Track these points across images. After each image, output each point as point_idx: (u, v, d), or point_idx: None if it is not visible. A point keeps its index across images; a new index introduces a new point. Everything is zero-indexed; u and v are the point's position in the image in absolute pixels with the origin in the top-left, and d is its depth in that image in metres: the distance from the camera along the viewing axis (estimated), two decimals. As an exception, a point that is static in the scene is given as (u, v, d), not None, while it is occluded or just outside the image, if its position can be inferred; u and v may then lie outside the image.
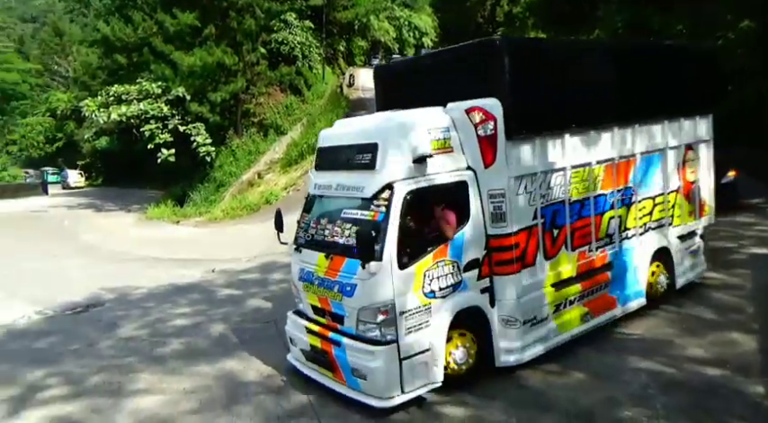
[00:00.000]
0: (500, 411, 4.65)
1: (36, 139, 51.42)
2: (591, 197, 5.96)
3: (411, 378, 4.73)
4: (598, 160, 6.02)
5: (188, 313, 8.28)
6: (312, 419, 4.70)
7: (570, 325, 5.78)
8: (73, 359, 6.49)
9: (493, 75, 5.27)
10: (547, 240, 5.56)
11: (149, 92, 23.84)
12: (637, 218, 6.51)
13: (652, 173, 6.73)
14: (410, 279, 4.76)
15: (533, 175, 5.43)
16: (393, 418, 4.64)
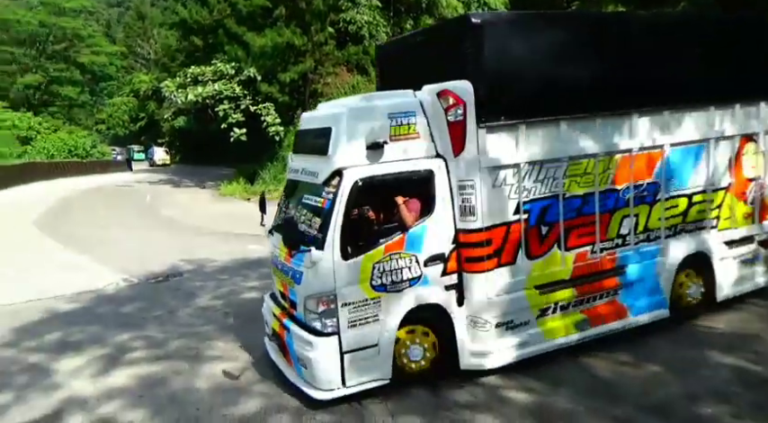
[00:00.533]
0: (566, 399, 4.54)
1: (121, 118, 54.85)
2: (596, 193, 5.30)
3: (354, 372, 4.56)
4: (608, 151, 5.32)
5: (258, 286, 8.61)
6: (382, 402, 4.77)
7: (560, 332, 5.22)
8: (155, 325, 6.94)
9: (465, 55, 4.78)
10: (532, 238, 5.05)
11: (223, 73, 24.71)
12: (663, 218, 5.70)
13: (689, 167, 5.84)
14: (355, 270, 4.53)
15: (515, 166, 4.90)
16: (457, 398, 4.64)
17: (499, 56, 4.80)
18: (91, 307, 7.90)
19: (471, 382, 4.86)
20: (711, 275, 6.02)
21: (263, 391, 4.89)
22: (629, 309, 5.59)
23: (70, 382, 5.28)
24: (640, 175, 5.53)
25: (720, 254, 6.08)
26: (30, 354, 6.02)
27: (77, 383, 5.24)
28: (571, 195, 5.19)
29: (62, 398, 4.94)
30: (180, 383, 5.15)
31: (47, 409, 4.75)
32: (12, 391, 5.10)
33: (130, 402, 4.80)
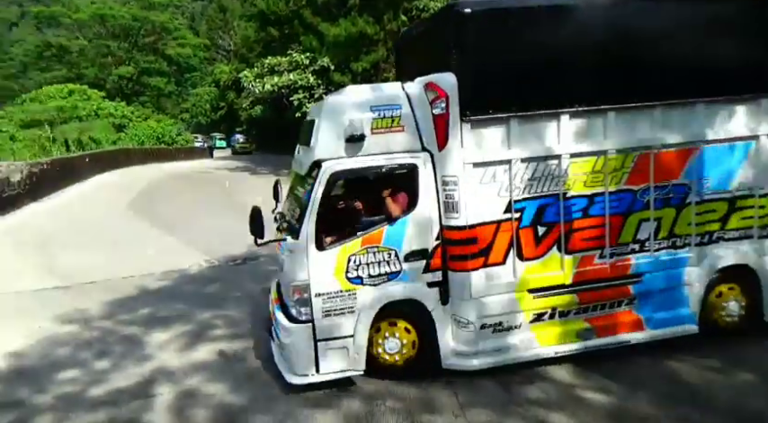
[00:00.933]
0: (648, 404, 4.33)
1: (203, 107, 57.68)
2: (606, 193, 4.86)
3: (328, 360, 4.61)
4: (620, 148, 4.85)
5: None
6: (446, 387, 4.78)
7: (557, 340, 4.92)
8: (234, 305, 7.29)
9: (449, 46, 4.58)
10: (525, 239, 4.78)
11: (298, 63, 25.31)
12: (693, 223, 5.09)
13: (731, 167, 5.12)
14: (330, 262, 4.57)
15: (505, 162, 4.64)
16: (529, 394, 4.56)
17: (486, 46, 4.55)
18: (177, 285, 8.42)
19: (543, 378, 4.76)
20: (759, 292, 5.25)
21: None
22: (645, 321, 5.09)
23: (159, 354, 5.68)
24: (664, 175, 4.97)
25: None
26: (124, 326, 6.51)
27: (165, 356, 5.62)
28: (575, 195, 4.83)
29: (152, 368, 5.32)
30: (257, 362, 5.40)
31: (140, 377, 5.14)
32: (110, 358, 5.56)
33: (212, 376, 5.09)
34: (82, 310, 7.01)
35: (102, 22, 42.70)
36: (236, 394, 4.73)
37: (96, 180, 23.57)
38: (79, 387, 4.97)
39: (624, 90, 4.80)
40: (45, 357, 5.63)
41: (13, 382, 5.10)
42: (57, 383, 5.05)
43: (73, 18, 42.84)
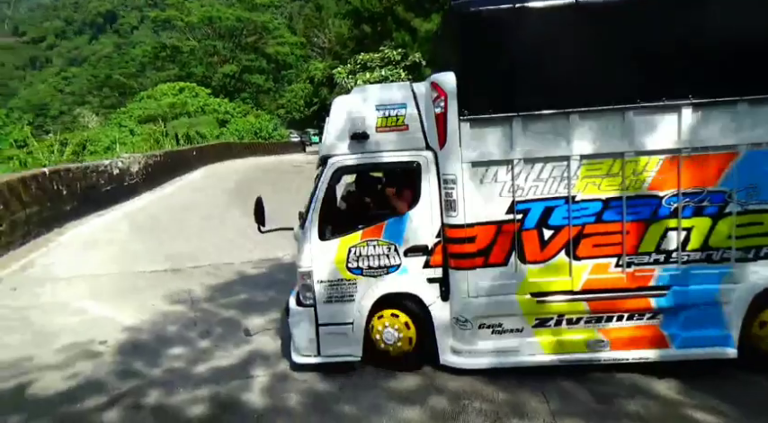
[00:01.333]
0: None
1: (298, 103, 60.05)
2: (624, 197, 4.49)
3: (328, 344, 4.93)
4: (641, 151, 4.44)
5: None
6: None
7: (564, 348, 4.70)
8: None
9: (449, 44, 4.59)
10: (529, 241, 4.61)
11: (390, 58, 25.58)
12: (733, 235, 4.51)
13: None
14: (332, 251, 4.86)
15: (507, 162, 4.50)
16: (627, 408, 4.29)
17: (488, 46, 4.45)
18: (271, 273, 8.81)
19: (642, 392, 4.45)
20: None
21: (420, 371, 5.03)
22: (670, 338, 4.66)
23: (256, 338, 6.00)
24: (697, 180, 4.46)
25: None
26: (224, 309, 6.94)
27: (261, 340, 5.92)
28: (586, 198, 4.54)
29: (249, 350, 5.62)
30: (346, 352, 5.53)
31: (238, 358, 5.45)
32: (213, 338, 5.96)
33: (304, 364, 5.28)
34: (188, 292, 7.57)
35: (210, 24, 45.74)
36: (326, 382, 4.88)
37: (201, 172, 25.38)
38: (185, 363, 5.37)
39: (646, 89, 4.40)
40: (156, 333, 6.15)
41: (130, 353, 5.62)
42: (166, 358, 5.49)
43: (185, 21, 46.26)
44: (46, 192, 11.67)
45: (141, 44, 60.72)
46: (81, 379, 5.05)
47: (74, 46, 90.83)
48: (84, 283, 8.17)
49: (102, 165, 15.40)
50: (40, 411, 4.47)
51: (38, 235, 11.10)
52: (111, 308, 7.03)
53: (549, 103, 4.47)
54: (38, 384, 4.95)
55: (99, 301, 7.29)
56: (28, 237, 10.67)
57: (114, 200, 15.68)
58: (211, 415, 4.43)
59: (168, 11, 49.85)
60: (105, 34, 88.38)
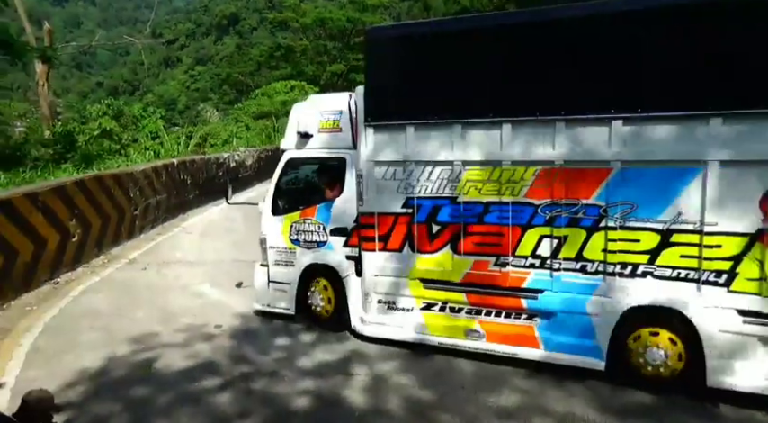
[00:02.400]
0: None
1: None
2: (503, 202, 4.92)
3: (275, 298, 6.38)
4: (517, 160, 4.82)
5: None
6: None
7: (445, 332, 5.39)
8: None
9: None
10: (420, 233, 5.35)
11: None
12: (607, 250, 4.57)
13: (663, 195, 4.35)
14: (279, 224, 6.26)
15: (403, 163, 5.30)
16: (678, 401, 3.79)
17: (385, 64, 5.36)
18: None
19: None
20: (699, 348, 4.33)
21: (522, 387, 4.81)
22: (541, 340, 4.97)
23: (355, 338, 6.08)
24: (572, 193, 4.65)
25: (722, 324, 4.25)
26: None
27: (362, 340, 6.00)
28: (469, 201, 5.09)
29: (350, 348, 5.72)
30: (444, 361, 5.42)
31: (339, 354, 5.57)
32: (316, 332, 6.14)
33: (403, 368, 5.25)
34: (294, 284, 7.86)
35: (322, 25, 47.53)
36: (426, 389, 4.82)
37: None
38: (290, 354, 5.57)
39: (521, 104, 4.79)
40: (264, 323, 6.45)
41: (241, 339, 5.94)
42: (273, 348, 5.74)
43: (300, 22, 48.47)
44: (174, 181, 12.77)
45: (259, 44, 64.58)
46: (199, 359, 5.41)
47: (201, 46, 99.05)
48: (202, 268, 8.81)
49: (222, 157, 16.56)
50: (164, 387, 4.85)
51: (165, 220, 12.18)
52: (224, 293, 7.50)
53: (436, 114, 5.12)
54: (162, 361, 5.38)
55: (215, 286, 7.81)
56: (157, 221, 11.74)
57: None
58: (314, 408, 4.55)
59: (285, 12, 52.50)
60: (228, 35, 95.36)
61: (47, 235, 7.70)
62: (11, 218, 6.93)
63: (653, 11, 4.40)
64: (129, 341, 5.81)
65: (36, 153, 16.23)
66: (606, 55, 4.52)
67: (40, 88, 20.09)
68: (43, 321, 6.37)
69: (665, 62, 4.31)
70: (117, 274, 8.40)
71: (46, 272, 7.75)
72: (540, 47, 4.78)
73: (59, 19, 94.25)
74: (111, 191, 9.62)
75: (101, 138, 18.63)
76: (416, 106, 5.24)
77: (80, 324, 6.28)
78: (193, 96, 75.56)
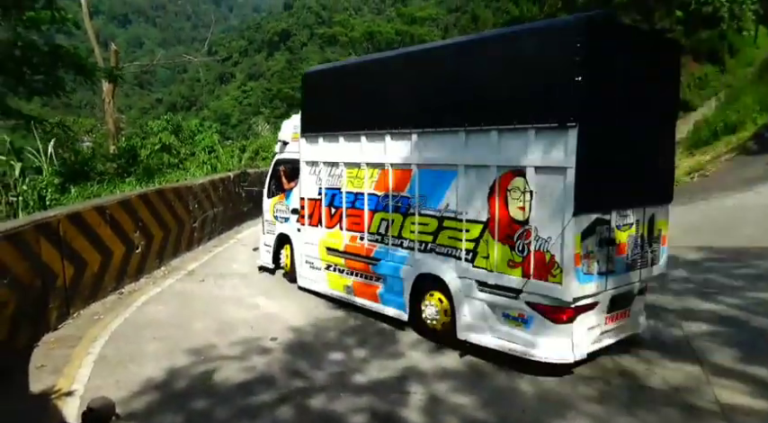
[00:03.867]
0: None
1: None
2: (363, 193, 6.83)
3: (266, 257, 9.17)
4: (368, 163, 6.74)
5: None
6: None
7: (336, 287, 7.48)
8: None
9: None
10: (326, 214, 7.48)
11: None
12: (410, 231, 6.31)
13: (439, 190, 5.92)
14: (268, 204, 9.09)
15: (317, 163, 7.57)
16: None
17: (311, 95, 7.86)
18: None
19: None
20: (453, 308, 5.89)
21: (588, 412, 4.58)
22: (380, 297, 6.83)
23: (410, 352, 5.99)
24: (396, 187, 6.40)
25: (467, 291, 5.72)
26: (380, 320, 7.08)
27: (416, 355, 5.90)
28: (348, 191, 7.07)
29: (405, 365, 5.63)
30: (503, 380, 5.27)
31: (394, 371, 5.49)
32: (369, 348, 6.10)
33: (461, 387, 5.13)
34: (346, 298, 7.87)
35: (370, 39, 48.14)
36: (486, 410, 4.67)
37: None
38: (345, 369, 5.54)
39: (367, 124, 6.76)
40: (319, 336, 6.47)
41: (296, 353, 5.97)
42: (328, 362, 5.73)
43: (349, 36, 49.29)
44: (229, 193, 13.14)
45: (308, 59, 66.10)
46: (256, 373, 5.47)
47: (253, 62, 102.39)
48: (257, 279, 8.98)
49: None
50: (224, 400, 4.91)
51: (221, 232, 12.53)
52: (279, 306, 7.59)
53: (331, 129, 7.27)
54: (220, 373, 5.46)
55: (270, 298, 7.93)
56: (213, 233, 12.09)
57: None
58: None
59: (334, 27, 53.62)
60: (279, 51, 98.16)
61: (113, 246, 8.04)
62: (82, 230, 7.28)
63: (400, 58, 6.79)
64: (188, 352, 5.94)
65: (102, 167, 17.11)
66: (400, 88, 6.39)
67: (107, 105, 21.24)
68: (110, 330, 6.62)
69: (425, 94, 6.06)
70: (177, 286, 8.66)
71: (112, 282, 8.09)
72: (371, 83, 6.85)
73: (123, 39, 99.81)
74: (171, 204, 9.98)
75: (161, 152, 19.46)
76: (324, 123, 7.46)
77: (143, 334, 6.48)
78: (246, 111, 77.97)
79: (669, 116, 5.87)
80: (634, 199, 5.36)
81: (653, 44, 5.69)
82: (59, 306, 6.80)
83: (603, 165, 4.89)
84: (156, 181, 14.54)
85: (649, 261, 5.70)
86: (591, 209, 4.88)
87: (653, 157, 5.57)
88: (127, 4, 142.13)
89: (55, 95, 16.04)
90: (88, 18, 21.67)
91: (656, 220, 5.71)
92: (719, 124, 19.23)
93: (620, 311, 5.57)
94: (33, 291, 6.24)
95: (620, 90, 5.02)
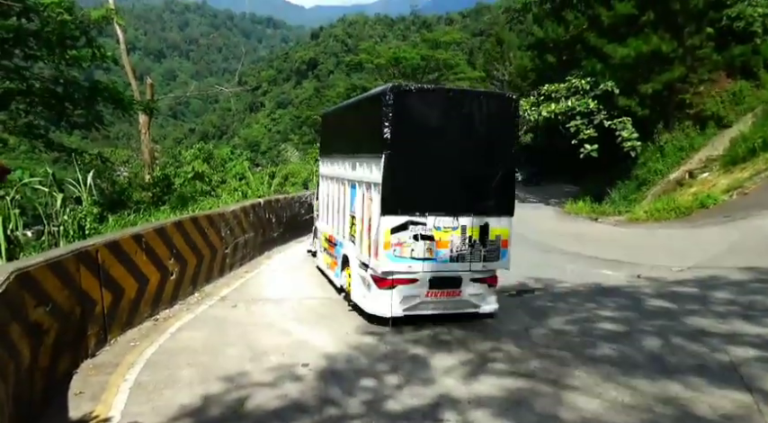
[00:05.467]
0: None
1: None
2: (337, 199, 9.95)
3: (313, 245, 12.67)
4: (336, 177, 9.87)
5: (616, 318, 7.98)
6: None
7: (325, 265, 10.74)
8: (512, 339, 7.17)
9: None
10: (325, 211, 11.06)
11: (578, 88, 24.31)
12: (345, 224, 9.19)
13: (353, 197, 8.65)
14: (315, 203, 11.99)
15: (323, 176, 10.90)
16: None
17: (322, 128, 12.79)
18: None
19: None
20: (351, 278, 8.55)
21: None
22: (334, 273, 9.81)
23: (443, 379, 5.88)
24: (343, 194, 9.39)
25: (355, 266, 8.34)
26: (411, 345, 6.99)
27: (449, 382, 5.79)
28: (329, 195, 10.32)
29: (438, 393, 5.52)
30: (543, 406, 5.11)
31: (427, 399, 5.38)
32: (400, 375, 6.01)
33: (497, 413, 5.00)
34: (376, 324, 7.83)
35: (396, 65, 48.85)
36: (523, 441, 4.53)
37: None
38: (378, 397, 5.46)
39: (339, 149, 9.85)
40: (351, 363, 6.41)
41: (328, 380, 5.92)
42: (360, 389, 5.66)
43: (374, 63, 50.14)
44: (260, 220, 13.33)
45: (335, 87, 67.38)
46: (288, 400, 5.44)
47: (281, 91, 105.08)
48: (288, 305, 9.01)
49: (304, 196, 17.13)
50: (256, 426, 4.90)
51: (252, 258, 12.67)
52: (311, 332, 7.58)
53: (326, 154, 10.66)
54: (252, 400, 5.45)
55: (301, 324, 7.93)
56: (245, 259, 12.24)
57: (311, 227, 17.28)
58: (405, 457, 4.39)
59: (360, 55, 54.63)
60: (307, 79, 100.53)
61: (149, 273, 8.22)
62: (119, 258, 7.47)
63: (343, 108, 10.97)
64: (222, 379, 5.96)
65: (138, 196, 17.66)
66: (346, 127, 9.63)
67: (143, 136, 22.02)
68: (145, 357, 6.71)
69: (343, 133, 9.62)
70: (210, 312, 8.76)
71: (147, 309, 8.24)
72: (335, 123, 10.66)
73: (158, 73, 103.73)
74: (205, 231, 10.17)
75: (193, 180, 19.98)
76: (323, 149, 11.23)
77: (178, 360, 6.55)
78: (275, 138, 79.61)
79: (503, 151, 7.56)
80: (458, 209, 7.36)
81: (475, 98, 7.54)
82: (98, 333, 6.95)
83: (406, 183, 7.20)
84: (190, 208, 14.88)
85: (481, 258, 7.54)
86: (395, 212, 7.20)
87: (483, 180, 7.44)
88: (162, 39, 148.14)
89: (94, 128, 16.75)
90: (126, 54, 22.69)
91: (492, 227, 7.53)
92: (758, 140, 18.66)
93: (443, 291, 7.53)
94: (73, 318, 6.40)
95: (428, 132, 7.22)
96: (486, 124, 7.39)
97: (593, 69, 23.82)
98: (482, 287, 7.74)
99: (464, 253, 7.42)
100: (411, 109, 7.16)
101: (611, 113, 23.38)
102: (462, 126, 7.31)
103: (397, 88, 7.12)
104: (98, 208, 13.87)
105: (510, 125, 7.65)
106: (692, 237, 14.07)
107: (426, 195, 7.27)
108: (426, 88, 7.49)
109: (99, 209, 13.90)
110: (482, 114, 7.38)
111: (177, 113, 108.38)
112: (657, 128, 23.80)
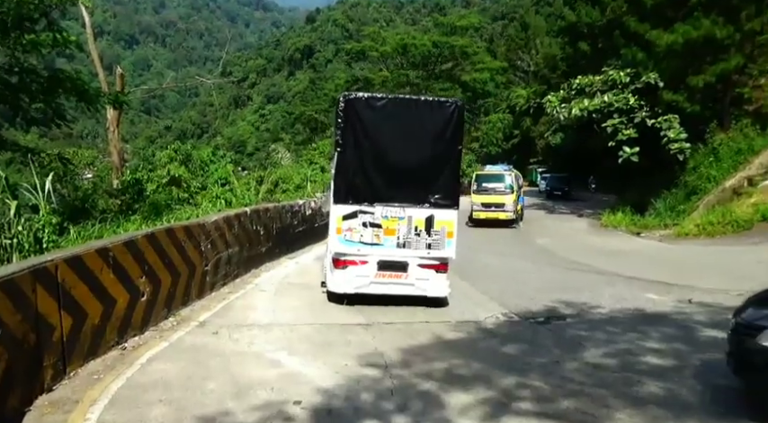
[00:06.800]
0: None
1: (495, 135, 60.56)
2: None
3: None
4: None
5: (663, 350, 7.91)
6: None
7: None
8: (540, 373, 7.11)
9: None
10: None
11: (615, 81, 24.34)
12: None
13: None
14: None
15: None
16: None
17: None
18: (473, 339, 8.71)
19: None
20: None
21: None
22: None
23: (459, 420, 5.82)
24: None
25: (327, 254, 10.94)
26: (421, 379, 6.94)
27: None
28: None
29: (454, 436, 5.48)
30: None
31: (441, 444, 5.34)
32: (410, 415, 5.95)
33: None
34: (381, 354, 7.79)
35: (404, 53, 49.23)
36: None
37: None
38: (383, 441, 5.42)
39: None
40: (351, 400, 6.36)
41: (324, 421, 5.88)
42: (362, 432, 5.62)
43: (379, 51, 50.47)
44: (246, 232, 13.35)
45: (334, 78, 67.83)
46: (277, 444, 5.40)
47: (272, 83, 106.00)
48: (278, 332, 8.98)
49: (297, 205, 17.19)
50: (240, 475, 4.84)
51: (236, 276, 12.68)
52: (303, 363, 7.55)
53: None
54: (236, 443, 5.42)
55: (292, 354, 7.90)
56: (228, 277, 12.24)
57: (305, 241, 17.35)
58: None
59: (363, 42, 55.04)
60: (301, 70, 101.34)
61: (116, 294, 8.21)
62: (82, 276, 7.46)
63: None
64: (199, 419, 5.92)
65: (104, 204, 17.74)
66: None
67: (111, 134, 22.17)
68: (110, 393, 6.67)
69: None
70: (187, 339, 8.74)
71: (113, 336, 8.22)
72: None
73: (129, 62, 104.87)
74: (182, 244, 10.18)
75: (169, 185, 20.08)
76: None
77: (148, 396, 6.52)
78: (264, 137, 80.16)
79: (448, 150, 9.94)
80: (404, 201, 9.79)
81: (421, 104, 10.20)
82: (55, 364, 6.92)
83: (355, 177, 9.82)
84: (165, 218, 14.93)
85: (425, 246, 9.85)
86: (345, 201, 9.84)
87: (429, 176, 9.81)
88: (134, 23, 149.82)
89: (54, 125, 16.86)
90: (92, 39, 22.93)
91: (437, 219, 9.78)
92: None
93: (391, 273, 9.92)
94: (27, 346, 6.38)
95: (377, 134, 9.73)
96: (432, 127, 9.73)
97: (634, 59, 23.84)
98: (429, 272, 9.95)
99: (410, 240, 9.78)
100: (360, 114, 9.65)
101: (654, 110, 23.36)
102: (409, 129, 9.67)
103: (348, 95, 9.91)
104: (58, 217, 13.92)
105: (455, 128, 9.88)
106: (753, 254, 14.00)
107: (375, 188, 9.76)
108: (376, 96, 10.03)
109: (59, 218, 13.95)
110: (427, 118, 9.75)
111: (151, 108, 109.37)
112: (710, 127, 23.75)
